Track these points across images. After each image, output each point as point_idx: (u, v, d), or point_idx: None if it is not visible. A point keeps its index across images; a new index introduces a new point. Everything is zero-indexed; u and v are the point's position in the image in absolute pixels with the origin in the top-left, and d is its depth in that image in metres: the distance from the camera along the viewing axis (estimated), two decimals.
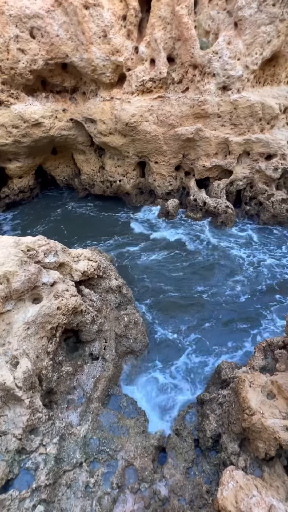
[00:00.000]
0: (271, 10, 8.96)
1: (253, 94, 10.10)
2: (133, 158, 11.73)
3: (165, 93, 10.36)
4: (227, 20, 9.92)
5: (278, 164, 10.71)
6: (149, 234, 10.71)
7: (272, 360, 4.83)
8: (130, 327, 5.75)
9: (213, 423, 4.14)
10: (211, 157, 11.01)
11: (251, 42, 9.45)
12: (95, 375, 4.82)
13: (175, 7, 9.19)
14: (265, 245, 9.99)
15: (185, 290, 7.91)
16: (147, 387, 5.36)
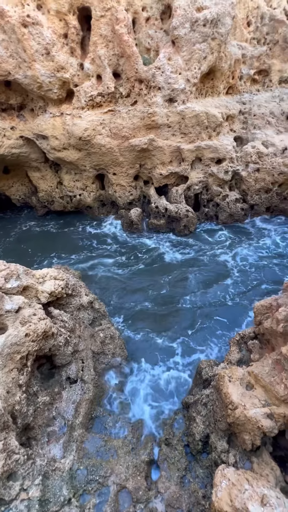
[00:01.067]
0: (203, 30, 9.79)
1: (197, 104, 10.83)
2: (90, 171, 11.70)
3: (115, 107, 10.61)
4: (165, 39, 10.60)
5: (228, 167, 11.54)
6: (116, 245, 10.68)
7: (246, 352, 5.05)
8: (107, 343, 5.59)
9: (200, 424, 4.16)
10: (167, 165, 11.46)
11: (189, 58, 10.18)
12: (75, 399, 4.56)
13: (114, 26, 9.56)
14: (235, 242, 10.57)
15: (160, 298, 7.97)
16: (132, 401, 5.22)
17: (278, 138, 11.88)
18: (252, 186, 11.75)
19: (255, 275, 8.68)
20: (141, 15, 10.55)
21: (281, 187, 11.66)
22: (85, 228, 11.97)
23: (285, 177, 11.28)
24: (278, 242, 10.39)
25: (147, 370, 5.86)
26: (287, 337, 3.82)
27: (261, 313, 4.88)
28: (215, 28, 9.97)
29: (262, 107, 12.58)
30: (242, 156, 11.72)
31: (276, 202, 11.77)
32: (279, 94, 12.96)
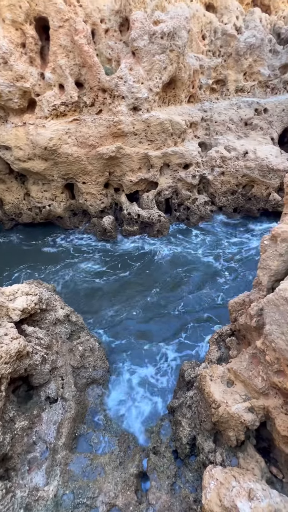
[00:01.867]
0: (161, 42, 10.17)
1: (161, 112, 11.15)
2: (59, 181, 11.46)
3: (80, 116, 10.56)
4: (125, 50, 10.85)
5: (195, 172, 11.97)
6: (91, 255, 10.50)
7: (225, 349, 5.19)
8: (87, 356, 5.42)
9: (187, 427, 4.17)
10: (136, 172, 11.59)
11: (150, 69, 10.51)
12: (56, 420, 4.34)
13: (74, 37, 9.59)
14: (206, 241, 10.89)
15: (143, 304, 7.92)
16: (117, 412, 5.09)
17: (239, 142, 12.61)
18: (219, 189, 12.29)
19: (238, 271, 9.04)
20: (100, 26, 10.72)
21: (245, 189, 12.33)
22: (55, 239, 11.64)
23: (248, 179, 11.96)
24: (249, 238, 10.93)
25: (131, 379, 5.77)
26: (260, 331, 3.99)
27: (236, 310, 5.06)
28: (172, 40, 10.41)
29: (222, 114, 13.31)
30: (207, 160, 12.25)
31: (242, 202, 12.42)
32: (237, 102, 13.82)
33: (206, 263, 9.63)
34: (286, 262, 3.89)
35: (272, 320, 3.25)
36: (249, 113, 13.60)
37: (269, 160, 11.52)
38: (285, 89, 15.65)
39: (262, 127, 13.48)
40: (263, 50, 14.39)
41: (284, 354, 3.05)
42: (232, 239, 11.06)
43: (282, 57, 15.17)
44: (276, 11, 17.62)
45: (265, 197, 11.87)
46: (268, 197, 11.81)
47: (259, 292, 4.28)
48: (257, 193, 11.95)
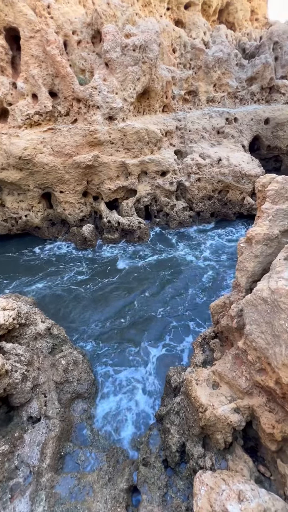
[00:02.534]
0: (133, 54, 10.45)
1: (137, 122, 11.36)
2: (35, 191, 11.21)
3: (55, 125, 10.48)
4: (98, 61, 11.01)
5: (172, 179, 12.24)
6: (71, 264, 10.29)
7: (210, 352, 5.25)
8: (70, 369, 5.24)
9: (175, 435, 4.13)
10: (114, 180, 11.64)
11: (124, 80, 10.72)
12: (40, 440, 4.12)
13: (46, 47, 9.59)
14: (188, 245, 11.06)
15: (128, 310, 7.82)
16: (104, 426, 4.93)
17: (213, 150, 13.12)
18: (196, 195, 12.64)
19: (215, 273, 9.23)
20: (72, 38, 10.82)
21: (221, 194, 12.79)
22: (33, 249, 11.30)
23: (223, 184, 12.43)
24: (224, 243, 11.28)
25: (117, 390, 5.65)
26: (241, 331, 4.09)
27: (217, 312, 5.16)
28: (144, 53, 10.73)
29: (195, 123, 13.82)
30: (184, 167, 12.59)
31: (219, 207, 12.85)
32: (208, 112, 14.43)
33: (187, 266, 9.78)
34: (262, 263, 4.06)
35: (252, 320, 3.35)
36: (220, 122, 14.24)
37: (241, 166, 12.07)
38: (252, 100, 16.62)
39: (233, 135, 14.14)
40: (230, 64, 15.24)
41: (264, 353, 3.15)
42: (210, 242, 11.35)
43: (248, 70, 16.14)
44: (240, 28, 18.83)
45: (240, 201, 12.37)
46: (243, 202, 12.32)
47: (238, 294, 4.41)
48: (232, 198, 12.43)
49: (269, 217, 3.97)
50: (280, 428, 3.07)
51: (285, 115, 15.71)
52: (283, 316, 2.83)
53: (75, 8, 11.14)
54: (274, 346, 2.95)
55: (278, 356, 2.83)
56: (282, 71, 16.78)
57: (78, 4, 11.52)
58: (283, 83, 16.70)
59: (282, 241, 3.95)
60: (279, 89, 16.78)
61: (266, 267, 4.04)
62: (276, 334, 2.93)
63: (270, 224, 3.94)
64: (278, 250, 3.92)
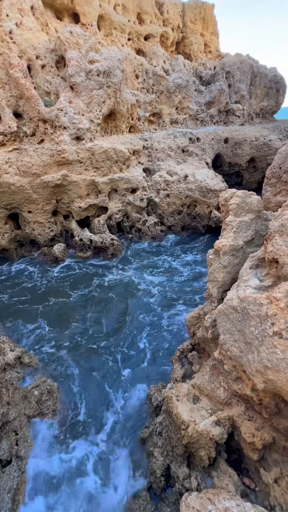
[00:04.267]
0: (97, 79, 10.87)
1: (104, 142, 11.64)
2: (1, 212, 10.77)
3: (20, 145, 10.35)
4: (63, 84, 11.26)
5: (142, 195, 12.55)
6: (38, 284, 9.83)
7: (188, 365, 5.23)
8: (44, 400, 4.88)
9: (159, 457, 3.96)
10: (84, 198, 11.63)
11: (89, 102, 11.03)
12: (11, 486, 3.70)
13: (8, 70, 9.61)
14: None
15: (100, 328, 7.57)
16: (82, 460, 4.57)
17: (179, 167, 13.79)
18: (166, 210, 13.04)
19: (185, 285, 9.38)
20: (36, 62, 11.01)
21: (189, 208, 13.34)
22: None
23: (191, 199, 13.00)
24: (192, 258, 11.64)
25: (95, 418, 5.32)
26: (217, 341, 4.16)
27: (193, 324, 5.21)
28: (108, 78, 11.22)
29: (161, 142, 14.51)
30: (153, 184, 13.01)
31: (188, 221, 13.35)
32: (173, 132, 15.29)
33: (157, 280, 9.87)
34: (230, 273, 4.23)
35: (225, 329, 3.43)
36: (184, 141, 15.12)
37: (206, 182, 12.79)
38: (212, 121, 17.99)
39: (197, 153, 15.05)
40: (189, 89, 16.48)
41: (239, 361, 3.21)
42: (181, 254, 11.64)
43: (206, 95, 17.56)
44: (196, 58, 20.61)
45: (207, 214, 12.99)
46: (210, 215, 12.95)
47: (211, 304, 4.52)
48: (200, 212, 13.02)
49: (233, 229, 4.20)
50: (260, 436, 3.10)
51: (242, 135, 17.17)
52: (252, 323, 2.94)
53: (38, 35, 11.43)
54: (247, 353, 3.03)
55: (251, 363, 2.90)
56: (236, 97, 18.53)
57: (41, 31, 11.85)
58: (237, 107, 18.38)
59: (247, 251, 4.18)
60: (235, 112, 18.42)
61: (234, 277, 4.22)
62: (248, 341, 3.02)
63: (234, 236, 4.17)
64: (244, 260, 4.13)
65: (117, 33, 15.51)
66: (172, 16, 18.52)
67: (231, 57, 18.43)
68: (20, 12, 10.95)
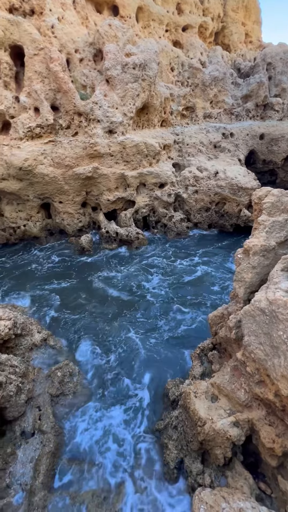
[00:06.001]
0: (133, 72, 10.86)
1: (136, 135, 11.67)
2: (34, 201, 11.31)
3: (55, 138, 10.72)
4: (99, 77, 11.41)
5: (170, 191, 12.45)
6: (69, 273, 10.22)
7: (208, 364, 5.18)
8: (66, 381, 5.14)
9: (173, 450, 4.02)
10: (113, 191, 11.81)
11: (124, 95, 11.08)
12: (33, 457, 3.98)
13: (49, 64, 9.94)
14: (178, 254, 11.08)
15: (134, 319, 7.70)
16: (101, 440, 4.77)
17: (210, 163, 13.44)
18: (194, 206, 12.83)
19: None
20: (75, 56, 11.26)
21: (218, 206, 12.99)
22: (32, 258, 11.24)
23: (220, 197, 12.65)
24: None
25: (114, 403, 5.50)
26: (240, 342, 4.07)
27: (216, 323, 5.14)
28: (144, 71, 11.17)
29: (193, 137, 14.21)
30: (181, 180, 12.84)
31: (216, 219, 13.02)
32: (205, 127, 14.88)
33: (184, 277, 9.79)
34: (259, 274, 4.09)
35: (250, 331, 3.35)
36: (217, 137, 14.66)
37: (238, 179, 12.33)
38: (248, 116, 17.20)
39: (229, 149, 14.53)
40: (226, 82, 15.86)
41: (263, 364, 3.13)
42: (208, 250, 11.41)
43: (243, 88, 16.79)
44: (235, 49, 19.72)
45: (237, 213, 12.56)
46: (240, 213, 12.51)
47: (236, 304, 4.41)
48: (229, 210, 12.63)
49: (266, 229, 4.04)
50: (280, 443, 3.01)
51: (279, 131, 16.24)
52: (281, 327, 2.84)
53: (78, 29, 11.65)
54: (272, 358, 2.94)
55: (277, 368, 2.82)
56: (276, 90, 17.49)
57: (81, 25, 12.05)
58: (276, 101, 17.35)
59: (279, 253, 4.00)
60: (273, 106, 17.42)
61: (263, 278, 4.07)
62: (274, 345, 2.93)
63: (267, 236, 4.01)
64: (275, 261, 3.96)
65: (155, 24, 15.30)
66: (213, 4, 17.81)
67: (273, 47, 17.37)
68: (62, 6, 11.22)
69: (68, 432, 4.75)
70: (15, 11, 10.37)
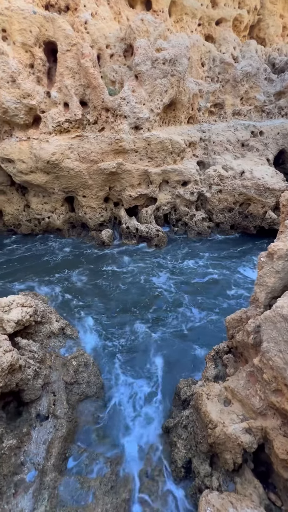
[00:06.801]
0: (163, 67, 10.75)
1: (161, 132, 11.58)
2: (59, 194, 11.64)
3: (82, 133, 10.92)
4: (129, 73, 11.42)
5: (193, 189, 12.26)
6: (85, 265, 10.46)
7: (222, 367, 5.10)
8: (81, 371, 5.29)
9: (182, 449, 4.01)
10: (136, 187, 11.85)
11: (152, 91, 11.02)
12: (46, 439, 4.15)
13: (80, 60, 10.11)
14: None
15: (141, 315, 7.80)
16: (110, 433, 4.89)
17: (236, 162, 13.04)
18: (216, 206, 12.55)
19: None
20: (106, 51, 11.34)
21: (242, 207, 12.61)
22: (53, 249, 11.62)
23: (245, 197, 12.26)
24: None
25: (125, 397, 5.59)
26: (258, 348, 3.95)
27: (233, 327, 5.02)
28: (173, 66, 11.01)
29: (220, 135, 13.84)
30: (205, 178, 12.59)
31: (239, 220, 12.65)
32: (234, 125, 14.42)
33: (202, 278, 9.65)
34: (283, 279, 3.93)
35: (270, 338, 3.24)
36: (245, 135, 14.16)
37: (265, 180, 11.87)
38: (280, 114, 16.43)
39: (258, 148, 13.99)
40: (258, 78, 15.23)
41: (281, 373, 3.02)
42: (227, 253, 11.15)
43: (277, 85, 16.03)
44: (271, 43, 18.83)
45: (262, 215, 12.12)
46: (265, 215, 12.06)
47: (256, 309, 4.28)
48: (254, 211, 12.21)
49: None
50: None
51: None
52: None
53: (110, 24, 11.70)
54: None
55: None
56: None
57: (113, 20, 12.09)
58: None
59: None
60: None
61: (287, 284, 3.91)
62: None
63: None
64: None
65: (188, 18, 14.97)
66: None
67: None
68: (96, 2, 11.31)
69: (80, 420, 4.91)
70: (51, 8, 10.63)
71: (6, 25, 9.43)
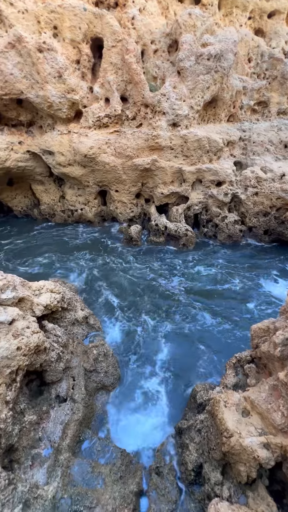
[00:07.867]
0: (207, 63, 10.45)
1: (199, 130, 11.33)
2: (93, 187, 11.96)
3: (120, 128, 11.07)
4: (171, 69, 11.29)
5: (227, 190, 11.85)
6: (116, 260, 10.66)
7: (243, 376, 4.92)
8: (100, 360, 5.44)
9: (194, 453, 3.96)
10: (168, 185, 11.76)
11: (193, 88, 10.79)
12: (63, 420, 4.36)
13: (124, 56, 10.20)
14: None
15: (159, 315, 7.84)
16: (123, 423, 4.99)
17: (276, 164, 12.33)
18: (251, 209, 12.01)
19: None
20: (150, 47, 11.31)
21: (279, 211, 11.92)
22: (84, 239, 11.99)
23: (283, 201, 11.56)
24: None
25: (141, 390, 5.65)
26: (284, 362, 3.74)
27: (258, 336, 4.81)
28: (218, 62, 10.66)
29: (261, 135, 13.16)
30: (242, 180, 12.08)
31: (274, 225, 11.98)
32: (277, 124, 13.62)
33: (229, 286, 9.33)
34: None
35: None
36: None
37: None
38: None
39: None
40: None
41: None
42: (256, 263, 10.63)
43: None
44: None
45: None
46: None
47: (286, 320, 4.05)
48: None
49: None
50: None
51: None
52: None
53: (157, 19, 11.62)
54: None
55: None
56: None
57: (160, 15, 11.99)
58: None
59: None
60: None
61: None
62: None
63: None
64: None
65: (238, 11, 14.33)
66: None
67: None
68: None
69: (96, 408, 5.06)
70: (100, 4, 10.83)
71: (57, 22, 9.82)
